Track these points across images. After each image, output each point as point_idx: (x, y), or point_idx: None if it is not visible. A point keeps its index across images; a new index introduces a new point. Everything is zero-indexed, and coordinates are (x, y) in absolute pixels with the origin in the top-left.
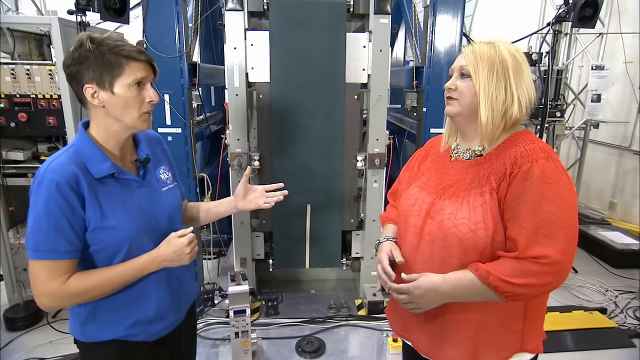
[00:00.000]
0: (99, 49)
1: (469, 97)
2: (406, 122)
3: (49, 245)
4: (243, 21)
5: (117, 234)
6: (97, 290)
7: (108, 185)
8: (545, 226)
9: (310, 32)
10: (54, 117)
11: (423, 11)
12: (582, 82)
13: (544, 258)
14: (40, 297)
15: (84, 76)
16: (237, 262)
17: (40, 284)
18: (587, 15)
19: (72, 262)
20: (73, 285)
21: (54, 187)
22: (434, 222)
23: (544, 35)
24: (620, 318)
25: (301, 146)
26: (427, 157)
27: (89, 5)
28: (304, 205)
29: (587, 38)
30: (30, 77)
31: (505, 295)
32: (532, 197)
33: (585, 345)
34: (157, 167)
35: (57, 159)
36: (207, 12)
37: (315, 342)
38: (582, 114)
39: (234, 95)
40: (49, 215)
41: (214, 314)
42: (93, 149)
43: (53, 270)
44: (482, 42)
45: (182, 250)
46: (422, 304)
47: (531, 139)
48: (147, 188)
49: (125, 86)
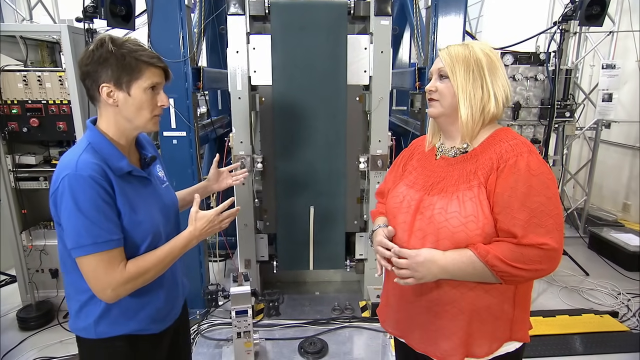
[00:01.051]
0: (120, 51)
1: (449, 97)
2: (411, 123)
3: (107, 235)
4: (245, 25)
5: (142, 228)
6: (150, 272)
7: (128, 181)
8: (537, 216)
9: (311, 35)
10: (64, 122)
11: (425, 12)
12: (593, 81)
13: (545, 245)
14: (104, 290)
15: (102, 75)
16: (242, 263)
17: (102, 277)
18: (594, 13)
19: (122, 249)
20: (132, 270)
21: (93, 182)
22: (423, 217)
23: (552, 35)
24: (632, 322)
25: (304, 148)
26: (413, 157)
27: (96, 12)
28: (308, 207)
29: (597, 37)
30: (42, 84)
31: (501, 276)
32: (521, 188)
33: (594, 349)
34: (155, 166)
35: (81, 157)
36: (210, 17)
37: (318, 343)
38: (593, 114)
39: (237, 98)
40: (97, 208)
41: (219, 314)
42: (109, 147)
43: (112, 259)
44: (457, 44)
45: (213, 220)
46: (418, 272)
47: (513, 135)
48: (153, 185)
49: (141, 89)
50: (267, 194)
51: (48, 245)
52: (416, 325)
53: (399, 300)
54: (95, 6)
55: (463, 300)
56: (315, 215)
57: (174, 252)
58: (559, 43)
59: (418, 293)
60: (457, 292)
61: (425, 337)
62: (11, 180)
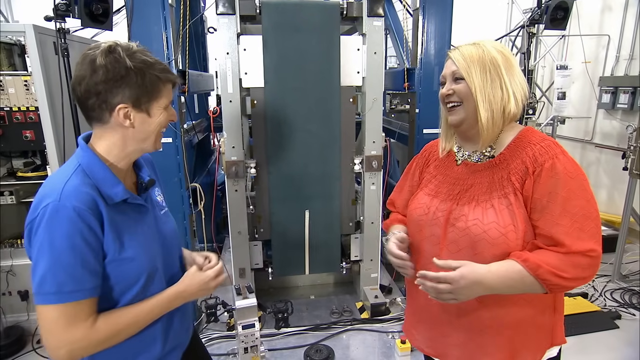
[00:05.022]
0: (138, 67)
1: (471, 98)
2: (395, 124)
3: (75, 284)
4: (235, 25)
5: (134, 266)
6: (124, 333)
7: (122, 211)
8: (579, 220)
9: (303, 36)
10: (32, 131)
11: (413, 14)
12: (545, 81)
13: (592, 252)
14: (57, 349)
15: (117, 95)
16: (236, 272)
17: (59, 334)
18: (558, 17)
19: (96, 300)
20: (103, 329)
21: (76, 216)
22: (456, 229)
23: (514, 38)
24: (601, 301)
25: (297, 151)
26: (429, 164)
27: (68, 11)
28: (302, 211)
29: (549, 40)
30: (4, 89)
31: (551, 288)
32: (561, 193)
33: (575, 330)
34: (152, 189)
35: (68, 183)
36: (193, 19)
37: (324, 350)
38: (547, 111)
39: (228, 101)
40: (73, 249)
41: (215, 327)
42: (104, 171)
43: (78, 312)
44: (467, 44)
45: (208, 284)
46: (463, 295)
47: (541, 136)
48: (152, 213)
49: (161, 109)
50: (260, 200)
51: (16, 265)
52: (454, 344)
53: (433, 317)
54: (67, 4)
55: (506, 315)
56: (310, 219)
57: (154, 312)
58: (527, 45)
59: (457, 311)
60: (501, 308)
61: (466, 355)
62: None
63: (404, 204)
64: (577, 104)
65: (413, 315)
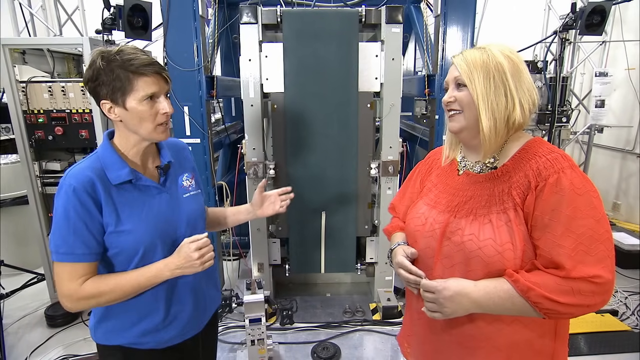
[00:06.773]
0: (109, 66)
1: (472, 106)
2: (418, 129)
3: (67, 248)
4: (258, 34)
5: (132, 238)
6: (108, 295)
7: (126, 191)
8: (585, 242)
9: (323, 43)
10: (86, 130)
11: (434, 21)
12: (584, 88)
13: (598, 278)
14: (61, 297)
15: (99, 92)
16: (255, 267)
17: (61, 285)
18: (594, 22)
19: (90, 265)
20: (88, 289)
21: (72, 192)
22: (451, 243)
23: (549, 44)
24: (632, 320)
25: (316, 154)
26: (431, 172)
27: (114, 24)
28: (319, 212)
29: (589, 46)
30: (65, 94)
31: (545, 313)
32: (565, 211)
33: (599, 349)
34: (181, 174)
35: (78, 166)
36: (224, 27)
37: (331, 347)
38: (584, 119)
39: (249, 105)
40: (67, 219)
41: (234, 317)
42: (113, 157)
43: (72, 272)
44: (473, 48)
45: (190, 256)
46: (447, 308)
47: (549, 147)
48: (166, 194)
49: (137, 101)
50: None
51: None
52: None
53: (427, 330)
54: (113, 18)
55: (500, 336)
56: (326, 220)
57: (139, 281)
58: (560, 51)
59: (449, 326)
60: (493, 328)
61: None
62: (38, 186)
63: (405, 210)
64: (618, 112)
65: (408, 325)
